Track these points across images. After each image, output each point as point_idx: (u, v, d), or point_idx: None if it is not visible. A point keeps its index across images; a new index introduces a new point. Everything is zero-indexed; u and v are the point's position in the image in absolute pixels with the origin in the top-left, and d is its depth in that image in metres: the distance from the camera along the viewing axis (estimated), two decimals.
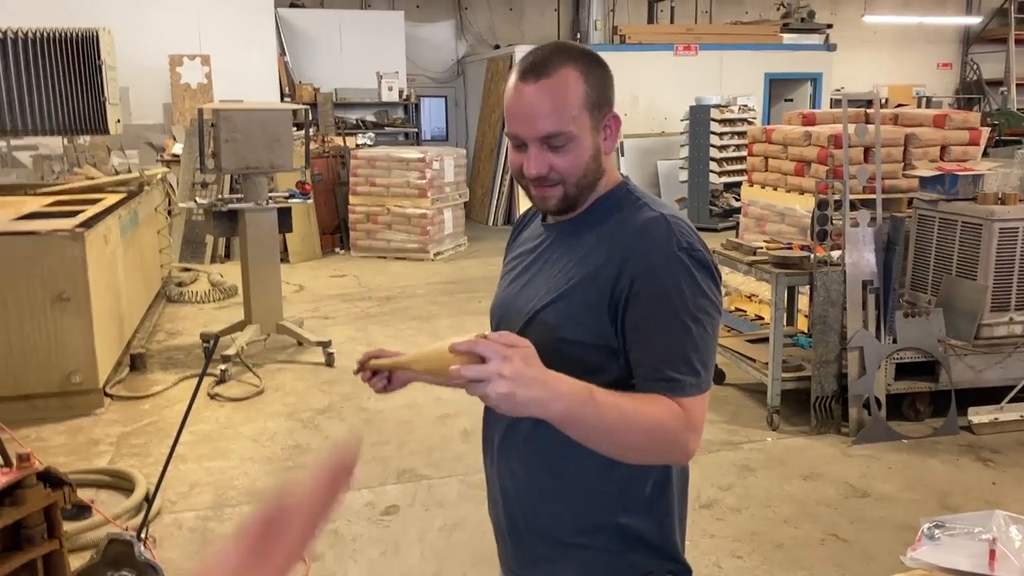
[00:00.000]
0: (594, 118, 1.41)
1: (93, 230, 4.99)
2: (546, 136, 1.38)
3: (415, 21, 13.90)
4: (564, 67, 1.38)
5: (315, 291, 8.22)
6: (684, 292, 1.35)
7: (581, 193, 1.44)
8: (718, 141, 10.96)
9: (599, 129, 1.43)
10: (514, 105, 1.40)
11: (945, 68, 17.44)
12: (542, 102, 1.37)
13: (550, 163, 1.40)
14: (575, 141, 1.39)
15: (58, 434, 4.68)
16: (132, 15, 10.44)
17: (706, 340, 1.36)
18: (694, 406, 1.33)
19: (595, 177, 1.44)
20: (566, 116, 1.37)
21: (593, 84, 1.40)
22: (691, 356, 1.34)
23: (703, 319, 1.36)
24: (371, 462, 4.34)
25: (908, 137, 5.85)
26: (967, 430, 4.58)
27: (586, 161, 1.41)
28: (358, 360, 1.61)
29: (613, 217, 1.44)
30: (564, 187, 1.42)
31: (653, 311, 1.35)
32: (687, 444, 1.32)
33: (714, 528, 3.63)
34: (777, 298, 4.69)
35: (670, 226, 1.39)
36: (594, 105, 1.40)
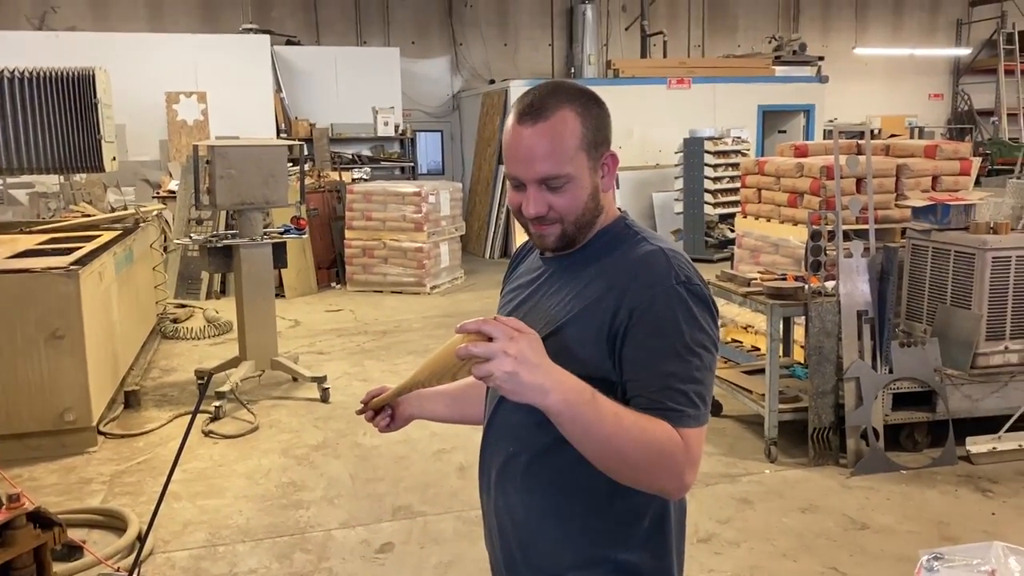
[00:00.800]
0: (591, 158, 1.42)
1: (87, 268, 4.99)
2: (544, 178, 1.40)
3: (411, 57, 14.03)
4: (561, 108, 1.40)
5: (311, 326, 8.20)
6: (682, 326, 1.35)
7: (580, 231, 1.46)
8: (712, 173, 11.03)
9: (596, 168, 1.44)
10: (512, 147, 1.42)
11: (936, 99, 17.61)
12: (540, 144, 1.39)
13: (549, 203, 1.42)
14: (573, 182, 1.41)
15: (51, 473, 4.64)
16: (130, 53, 10.54)
17: (704, 374, 1.36)
18: (692, 438, 1.32)
19: (593, 215, 1.46)
20: (564, 158, 1.39)
21: (590, 124, 1.42)
22: (689, 388, 1.33)
23: (701, 353, 1.36)
24: (366, 499, 4.31)
25: (900, 168, 5.89)
26: (965, 460, 4.55)
27: (584, 201, 1.43)
28: (361, 400, 1.62)
29: (612, 251, 1.45)
30: (563, 226, 1.44)
31: (651, 344, 1.35)
32: (683, 474, 1.31)
33: (713, 563, 3.59)
34: (772, 329, 4.69)
35: (669, 260, 1.40)
36: (591, 145, 1.42)
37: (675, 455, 1.29)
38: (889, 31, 16.93)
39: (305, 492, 4.40)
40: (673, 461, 1.30)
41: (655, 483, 1.35)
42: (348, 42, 13.81)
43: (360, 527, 3.99)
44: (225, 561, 3.70)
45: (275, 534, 3.94)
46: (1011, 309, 4.63)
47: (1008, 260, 4.60)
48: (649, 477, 1.33)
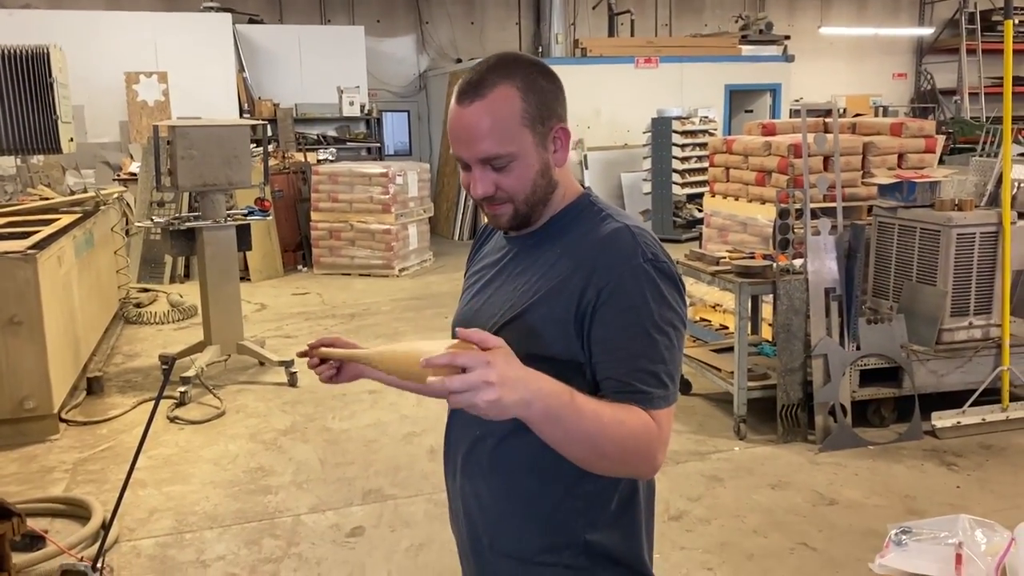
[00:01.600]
0: (537, 134, 1.38)
1: (46, 252, 4.87)
2: (486, 158, 1.37)
3: (376, 36, 13.86)
4: (499, 85, 1.36)
5: (277, 310, 8.11)
6: (650, 304, 1.32)
7: (532, 210, 1.43)
8: (680, 153, 11.04)
9: (545, 144, 1.40)
10: (453, 127, 1.39)
11: (900, 78, 17.78)
12: (479, 124, 1.35)
13: (495, 183, 1.39)
14: (518, 160, 1.37)
15: (11, 462, 4.54)
16: (86, 31, 10.29)
17: (672, 352, 1.34)
18: (662, 419, 1.31)
19: (545, 192, 1.42)
20: (504, 136, 1.35)
21: (532, 99, 1.37)
22: (658, 369, 1.32)
23: (669, 331, 1.34)
24: (336, 483, 4.27)
25: (866, 146, 5.92)
26: (931, 435, 4.61)
27: (532, 178, 1.39)
28: (308, 343, 1.56)
29: (576, 229, 1.42)
30: (513, 205, 1.41)
31: (619, 324, 1.32)
32: (655, 457, 1.31)
33: (684, 540, 3.61)
34: (741, 307, 4.71)
35: (634, 237, 1.37)
36: (535, 120, 1.37)
37: (649, 442, 1.29)
38: (854, 11, 17.03)
39: (273, 477, 4.35)
40: (647, 448, 1.29)
41: (630, 470, 1.34)
42: (312, 21, 13.61)
43: (330, 511, 3.95)
44: (192, 548, 3.64)
45: (243, 520, 3.89)
46: (975, 285, 4.69)
47: (972, 237, 4.65)
48: (625, 466, 1.32)
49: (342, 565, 3.48)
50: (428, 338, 1.44)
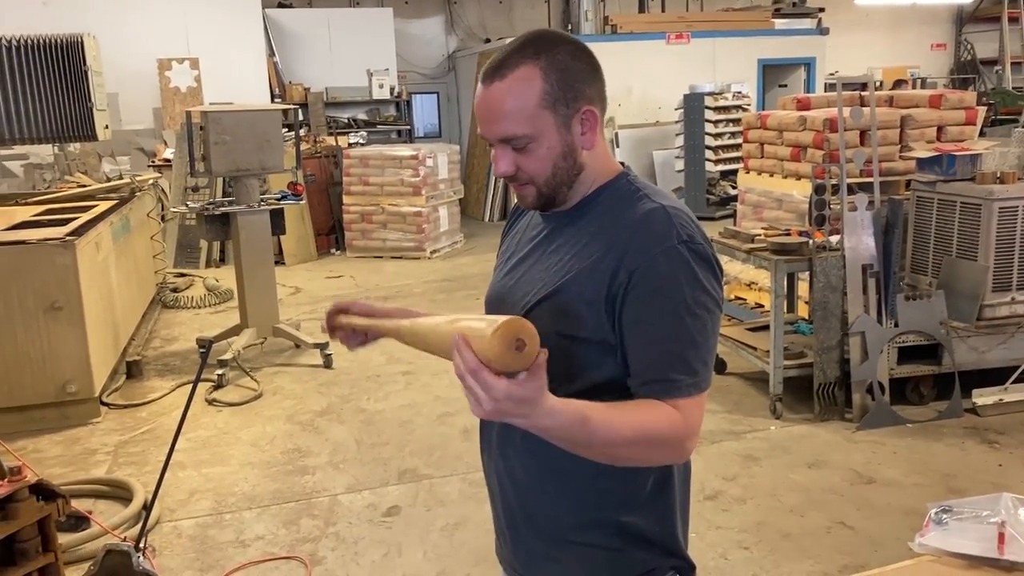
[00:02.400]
0: (560, 115, 1.36)
1: (84, 238, 4.94)
2: (504, 138, 1.37)
3: (404, 17, 13.83)
4: (521, 66, 1.34)
5: (311, 293, 8.17)
6: (683, 287, 1.30)
7: (555, 192, 1.41)
8: (713, 129, 10.90)
9: (569, 126, 1.37)
10: (477, 107, 1.40)
11: (939, 49, 17.37)
12: (498, 104, 1.35)
13: (516, 163, 1.38)
14: (537, 142, 1.36)
15: (55, 444, 4.64)
16: (119, 20, 10.38)
17: (705, 336, 1.32)
18: (691, 407, 1.30)
19: (569, 175, 1.40)
20: (521, 117, 1.34)
21: (555, 80, 1.35)
22: (688, 354, 1.30)
23: (701, 315, 1.32)
24: (371, 463, 4.30)
25: (904, 119, 5.79)
26: (972, 412, 4.54)
27: (553, 160, 1.38)
28: (327, 311, 1.55)
29: (612, 209, 1.40)
30: (535, 186, 1.40)
31: (651, 306, 1.30)
32: (683, 447, 1.31)
33: (720, 519, 3.59)
34: (777, 285, 4.65)
35: (670, 218, 1.34)
36: (556, 101, 1.35)
37: (673, 438, 1.29)
38: None
39: (310, 458, 4.40)
40: (673, 441, 1.29)
41: (656, 463, 1.38)
42: (341, 3, 13.60)
43: (366, 491, 3.99)
44: (232, 528, 3.70)
45: (281, 500, 3.94)
46: (1018, 260, 4.58)
47: (1015, 210, 4.54)
48: (651, 462, 1.36)
49: (379, 544, 3.51)
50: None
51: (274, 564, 3.41)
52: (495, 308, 1.51)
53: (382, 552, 3.46)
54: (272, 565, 3.41)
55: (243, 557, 3.46)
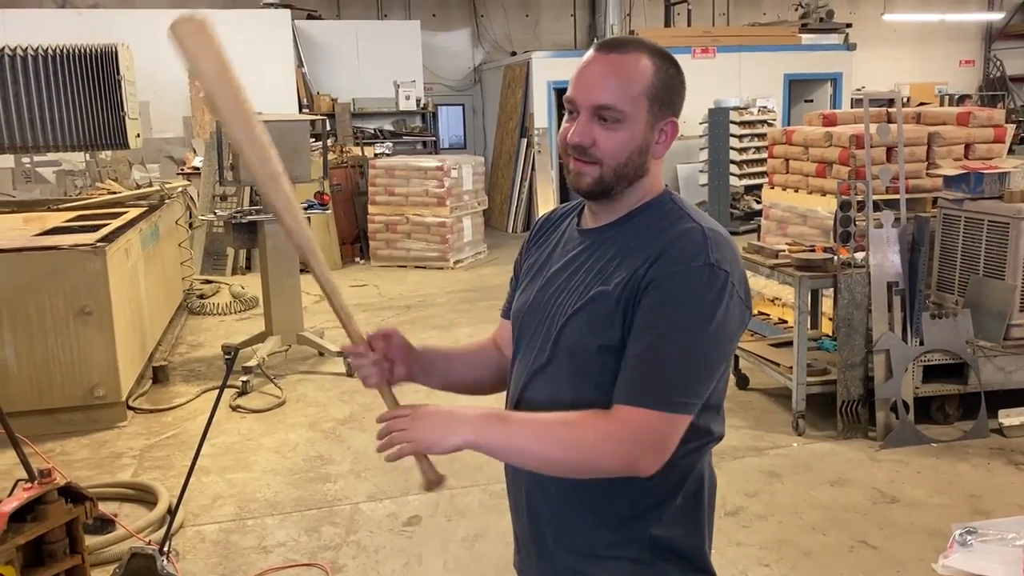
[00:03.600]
0: (652, 113, 1.39)
1: (114, 244, 5.02)
2: (599, 106, 1.37)
3: (431, 29, 13.93)
4: (640, 52, 1.39)
5: None
6: (691, 306, 1.31)
7: (617, 182, 1.41)
8: (738, 144, 10.89)
9: (654, 127, 1.40)
10: (581, 71, 1.40)
11: (967, 65, 17.24)
12: (608, 73, 1.37)
13: (595, 137, 1.38)
14: (626, 123, 1.37)
15: (82, 447, 4.71)
16: (151, 29, 10.48)
17: (693, 362, 1.31)
18: (649, 422, 1.29)
19: (636, 171, 1.41)
20: (625, 94, 1.36)
21: (661, 79, 1.39)
22: (668, 369, 1.30)
23: (700, 339, 1.31)
24: (392, 472, 4.32)
25: (931, 136, 5.76)
26: (998, 433, 4.49)
27: (631, 149, 1.39)
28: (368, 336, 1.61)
29: (654, 224, 1.41)
30: (601, 168, 1.40)
31: (651, 317, 1.32)
32: (634, 460, 1.30)
33: (741, 536, 3.58)
34: (800, 301, 4.63)
35: (705, 240, 1.35)
36: (656, 99, 1.39)
37: (609, 448, 1.29)
38: None
39: (332, 466, 4.43)
40: (608, 452, 1.29)
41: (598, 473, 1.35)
42: (369, 15, 13.73)
43: (387, 500, 4.01)
44: (254, 534, 3.73)
45: (303, 507, 3.97)
46: None
47: None
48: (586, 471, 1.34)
49: (399, 553, 3.53)
50: (480, 330, 1.48)
51: (295, 571, 3.44)
52: (527, 322, 1.52)
53: (402, 562, 3.48)
54: (294, 572, 3.44)
55: (265, 563, 3.49)
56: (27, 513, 2.52)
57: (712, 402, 1.42)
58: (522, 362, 1.52)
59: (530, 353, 1.49)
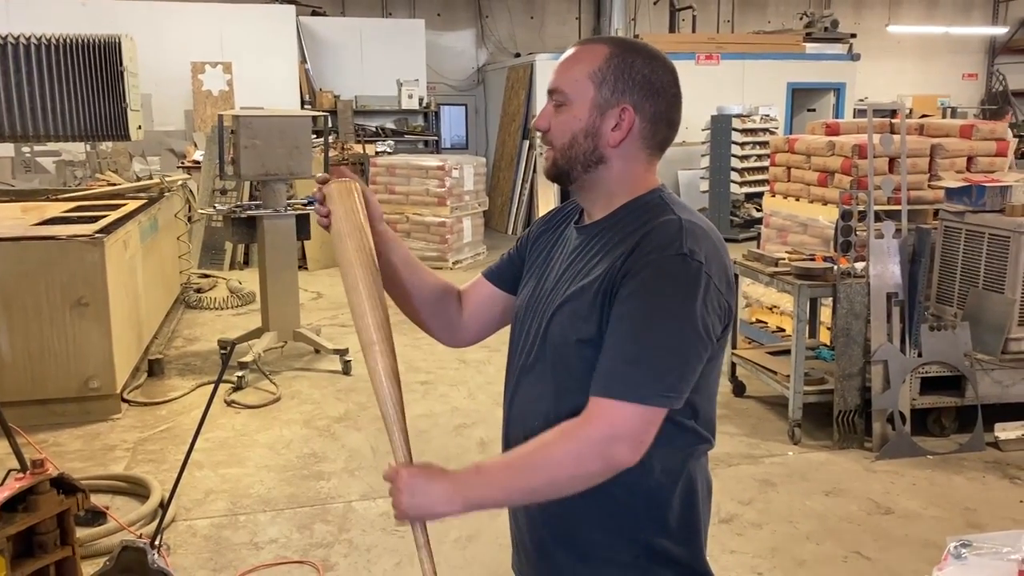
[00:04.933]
0: (600, 95, 1.41)
1: (113, 236, 5.00)
2: (550, 91, 1.45)
3: (436, 29, 13.93)
4: (600, 43, 1.44)
5: (333, 298, 8.21)
6: (661, 295, 1.30)
7: (570, 165, 1.44)
8: (739, 151, 10.89)
9: (604, 112, 1.41)
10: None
11: (970, 78, 17.26)
12: (563, 62, 1.46)
13: (550, 120, 1.45)
14: (569, 105, 1.42)
15: (75, 439, 4.69)
16: (155, 22, 10.53)
17: (666, 353, 1.29)
18: (621, 413, 1.28)
19: (585, 156, 1.42)
20: (569, 77, 1.43)
21: (613, 67, 1.41)
22: (640, 358, 1.28)
23: (673, 330, 1.29)
24: None
25: (934, 148, 5.76)
26: (994, 446, 4.49)
27: (574, 131, 1.42)
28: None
29: (638, 219, 1.41)
30: (552, 152, 1.46)
31: (625, 309, 1.31)
32: (611, 456, 1.28)
33: (734, 544, 3.57)
34: (799, 310, 4.63)
35: (681, 229, 1.34)
36: (603, 83, 1.40)
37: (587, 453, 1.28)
38: (923, 9, 16.59)
39: (326, 463, 4.42)
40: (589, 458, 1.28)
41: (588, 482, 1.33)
42: (373, 13, 13.73)
43: (380, 499, 3.99)
44: (246, 530, 3.72)
45: (296, 504, 3.95)
46: None
47: None
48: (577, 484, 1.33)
49: (391, 553, 3.52)
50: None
51: (287, 568, 3.43)
52: (523, 320, 1.53)
53: (394, 561, 3.46)
54: (285, 569, 3.42)
55: (256, 559, 3.47)
56: (18, 503, 2.50)
57: (702, 405, 1.42)
58: (515, 360, 1.54)
59: (522, 351, 1.51)
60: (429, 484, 1.34)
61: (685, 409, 1.39)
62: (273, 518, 3.83)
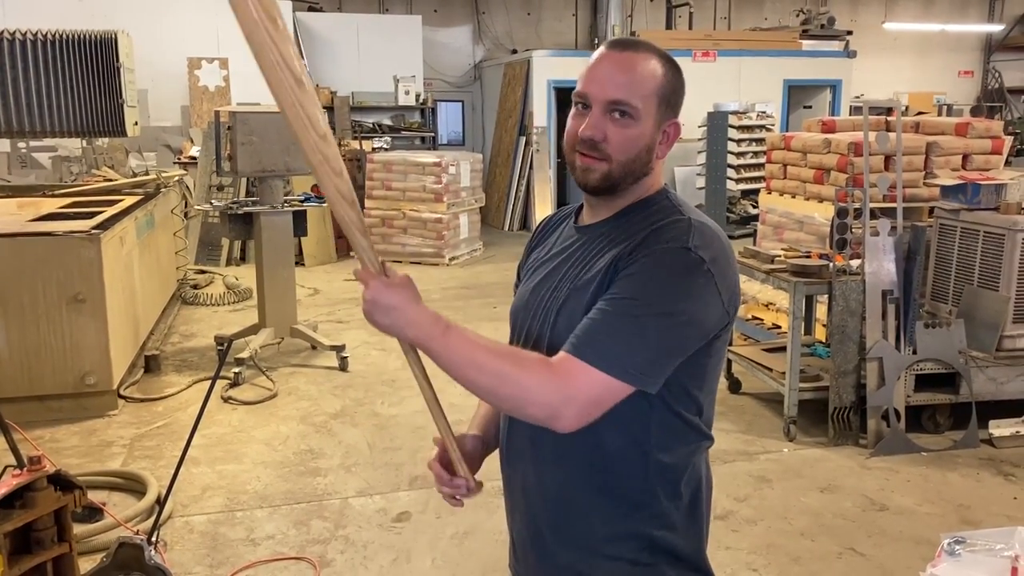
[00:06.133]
0: (660, 112, 1.42)
1: (109, 232, 5.00)
2: (614, 101, 1.39)
3: (432, 25, 13.91)
4: (650, 53, 1.42)
5: (330, 295, 8.22)
6: (654, 283, 1.31)
7: (624, 178, 1.42)
8: (736, 148, 10.90)
9: (660, 127, 1.43)
10: (594, 66, 1.42)
11: (966, 76, 17.29)
12: (622, 69, 1.40)
13: (606, 132, 1.40)
14: (637, 120, 1.40)
15: (72, 435, 4.69)
16: (151, 18, 10.50)
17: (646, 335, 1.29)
18: (578, 373, 1.28)
19: (641, 170, 1.43)
20: (638, 91, 1.39)
21: (670, 80, 1.42)
22: (617, 335, 1.29)
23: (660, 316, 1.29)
24: (383, 468, 4.32)
25: (930, 145, 5.78)
26: (988, 443, 4.51)
27: (640, 147, 1.41)
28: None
29: (644, 220, 1.41)
30: (609, 165, 1.41)
31: (618, 288, 1.32)
32: (557, 411, 1.29)
33: (729, 540, 3.58)
34: (795, 307, 4.64)
35: (690, 227, 1.36)
36: (664, 100, 1.41)
37: (539, 389, 1.28)
38: (920, 6, 16.61)
39: (323, 460, 4.42)
40: (535, 393, 1.28)
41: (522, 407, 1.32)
42: (370, 9, 13.71)
43: (377, 495, 4.01)
44: (243, 526, 3.72)
45: (292, 501, 3.96)
46: None
47: None
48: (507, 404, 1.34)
49: (388, 549, 3.53)
50: (475, 327, 1.47)
51: (283, 564, 3.43)
52: (519, 316, 1.53)
53: (391, 557, 3.47)
54: (281, 565, 3.43)
55: (253, 556, 3.48)
56: (15, 500, 2.50)
57: (705, 402, 1.43)
58: None
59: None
60: (400, 313, 1.34)
61: (691, 406, 1.41)
62: (270, 514, 3.83)
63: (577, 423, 1.30)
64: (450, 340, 1.31)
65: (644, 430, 1.39)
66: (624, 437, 1.39)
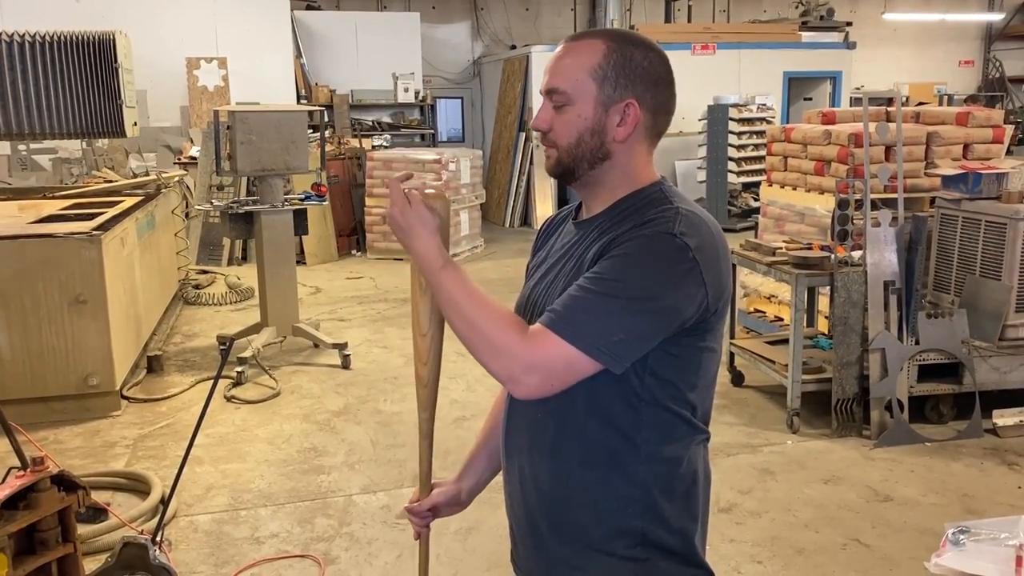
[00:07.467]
0: (603, 92, 1.40)
1: (110, 233, 5.00)
2: (549, 90, 1.42)
3: (431, 22, 13.89)
4: (594, 38, 1.42)
5: (331, 293, 8.22)
6: (633, 264, 1.30)
7: (576, 164, 1.43)
8: (736, 141, 10.88)
9: (607, 108, 1.40)
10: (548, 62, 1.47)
11: (967, 65, 17.24)
12: (558, 57, 1.43)
13: (550, 121, 1.43)
14: (572, 105, 1.41)
15: (75, 436, 4.69)
16: (149, 18, 10.50)
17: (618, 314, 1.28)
18: (547, 343, 1.28)
19: (592, 154, 1.42)
20: (568, 76, 1.40)
21: (614, 62, 1.39)
22: (588, 312, 1.29)
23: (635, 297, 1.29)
24: (387, 464, 4.32)
25: (930, 135, 5.76)
26: (992, 433, 4.50)
27: (580, 131, 1.41)
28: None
29: (638, 212, 1.41)
30: (557, 151, 1.44)
31: (598, 268, 1.32)
32: (517, 378, 1.30)
33: (733, 532, 3.58)
34: (797, 299, 4.63)
35: (677, 215, 1.35)
36: (605, 80, 1.39)
37: (506, 348, 1.30)
38: None
39: (326, 457, 4.43)
40: (500, 351, 1.30)
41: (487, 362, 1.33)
42: (368, 7, 13.70)
43: (381, 492, 4.01)
44: (247, 525, 3.73)
45: (296, 499, 3.96)
46: None
47: None
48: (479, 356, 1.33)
49: (392, 546, 3.53)
50: None
51: (288, 562, 3.44)
52: (521, 313, 1.53)
53: (395, 554, 3.47)
54: (286, 563, 3.43)
55: (257, 554, 3.48)
56: (19, 501, 2.50)
57: (699, 399, 1.43)
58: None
59: None
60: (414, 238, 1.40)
61: (683, 401, 1.40)
62: (274, 513, 3.84)
63: (538, 391, 1.32)
64: (443, 276, 1.36)
65: (636, 425, 1.39)
66: (616, 432, 1.39)
